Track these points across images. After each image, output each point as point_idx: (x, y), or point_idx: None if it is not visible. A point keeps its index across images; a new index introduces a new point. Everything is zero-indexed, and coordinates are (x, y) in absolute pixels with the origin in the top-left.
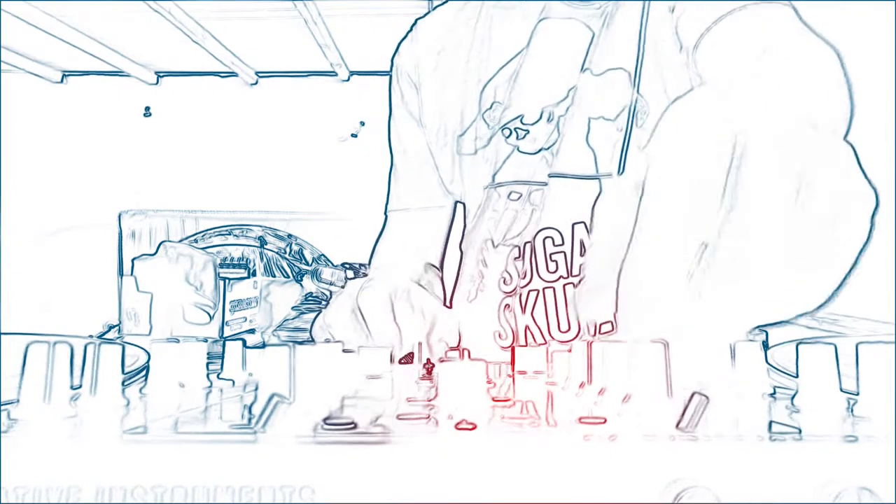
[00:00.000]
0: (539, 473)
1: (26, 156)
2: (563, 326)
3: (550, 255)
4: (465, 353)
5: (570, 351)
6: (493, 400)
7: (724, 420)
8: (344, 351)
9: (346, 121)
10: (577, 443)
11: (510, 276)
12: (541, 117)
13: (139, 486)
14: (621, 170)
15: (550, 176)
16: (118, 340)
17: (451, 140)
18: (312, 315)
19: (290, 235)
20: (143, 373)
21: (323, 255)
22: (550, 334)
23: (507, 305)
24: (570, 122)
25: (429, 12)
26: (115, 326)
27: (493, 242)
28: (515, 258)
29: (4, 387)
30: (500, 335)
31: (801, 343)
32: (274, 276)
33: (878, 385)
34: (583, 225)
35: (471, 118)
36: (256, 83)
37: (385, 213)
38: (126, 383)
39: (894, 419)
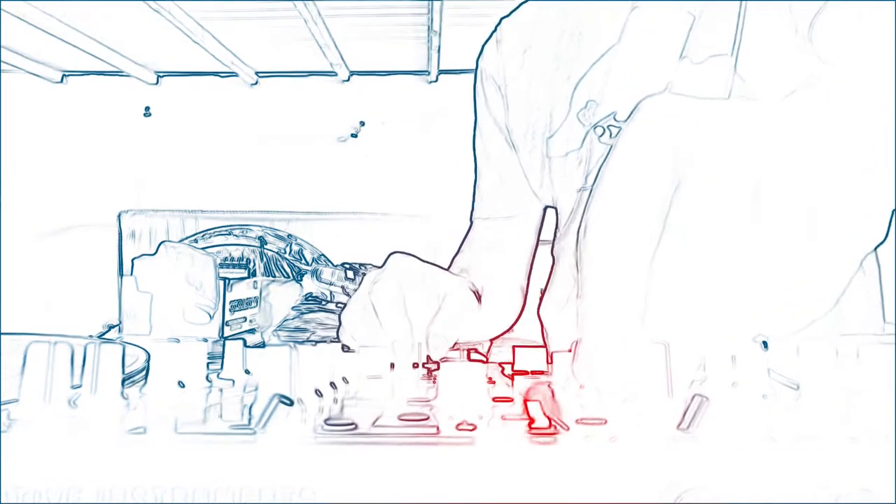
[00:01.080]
0: (539, 474)
1: (26, 156)
2: None
3: None
4: (466, 353)
5: (570, 351)
6: (494, 400)
7: (724, 420)
8: (344, 351)
9: (346, 121)
10: (577, 443)
11: None
12: None
13: (139, 486)
14: None
15: None
16: (118, 340)
17: (539, 142)
18: (313, 315)
19: (290, 235)
20: (143, 373)
21: (323, 255)
22: None
23: None
24: None
25: (514, 10)
26: (115, 326)
27: None
28: None
29: (4, 387)
30: None
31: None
32: (274, 276)
33: (878, 385)
34: None
35: (560, 119)
36: (256, 83)
37: (470, 220)
38: (126, 383)
39: (894, 419)
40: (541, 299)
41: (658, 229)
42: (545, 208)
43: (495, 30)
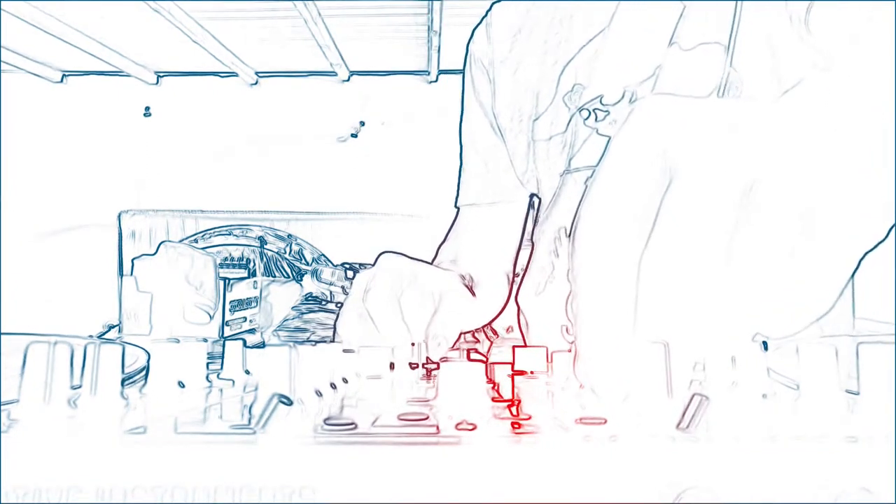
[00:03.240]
0: (539, 474)
1: (26, 156)
2: None
3: None
4: (466, 353)
5: (570, 351)
6: (493, 400)
7: (724, 420)
8: (344, 351)
9: (346, 121)
10: (577, 443)
11: None
12: (622, 97)
13: (139, 486)
14: None
15: None
16: (118, 340)
17: (526, 126)
18: (313, 315)
19: (290, 235)
20: (143, 373)
21: (323, 255)
22: None
23: None
24: None
25: None
26: (115, 326)
27: (566, 231)
28: None
29: (4, 387)
30: (567, 330)
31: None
32: (274, 276)
33: (878, 385)
34: None
35: (546, 102)
36: (256, 83)
37: (455, 207)
38: (126, 383)
39: (894, 419)
40: (519, 284)
41: (650, 230)
42: (531, 196)
43: (486, 14)
